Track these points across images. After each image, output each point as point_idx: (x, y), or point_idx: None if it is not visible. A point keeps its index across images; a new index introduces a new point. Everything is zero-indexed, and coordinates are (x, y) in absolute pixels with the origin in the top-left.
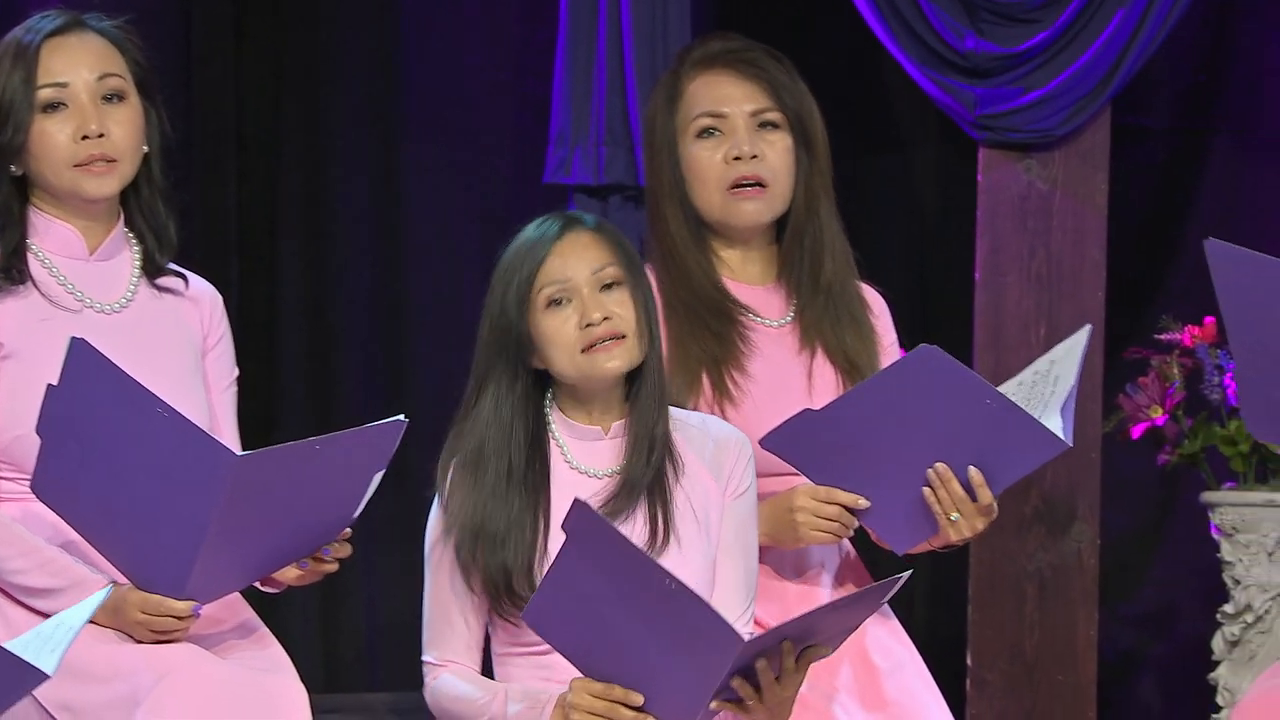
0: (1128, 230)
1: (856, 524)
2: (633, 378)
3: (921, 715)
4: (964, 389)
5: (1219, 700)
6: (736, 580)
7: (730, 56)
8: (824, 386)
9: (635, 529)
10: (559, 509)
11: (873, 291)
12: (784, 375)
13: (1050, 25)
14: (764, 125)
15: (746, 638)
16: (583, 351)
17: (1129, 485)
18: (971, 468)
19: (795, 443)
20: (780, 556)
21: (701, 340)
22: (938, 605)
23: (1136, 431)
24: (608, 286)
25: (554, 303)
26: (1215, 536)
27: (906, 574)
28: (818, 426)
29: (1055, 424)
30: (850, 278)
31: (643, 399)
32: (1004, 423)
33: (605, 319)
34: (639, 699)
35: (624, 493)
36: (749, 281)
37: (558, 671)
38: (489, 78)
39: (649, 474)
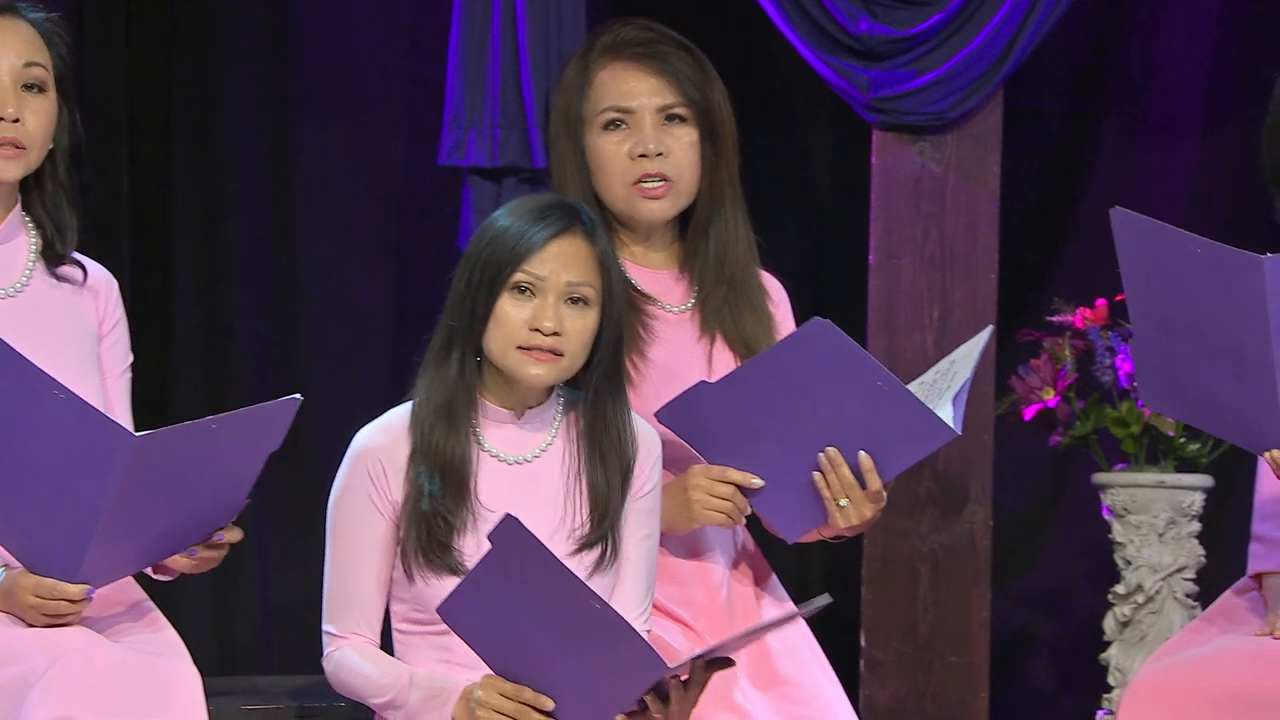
0: (1020, 213)
1: (749, 509)
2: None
3: (816, 695)
4: (855, 367)
5: (1110, 680)
6: (638, 579)
7: (640, 49)
8: (723, 372)
9: (583, 562)
10: (483, 491)
11: (773, 280)
12: (684, 360)
13: (943, 8)
14: (671, 119)
15: (646, 635)
16: (518, 348)
17: (1021, 466)
18: (862, 453)
19: (690, 417)
20: (678, 537)
21: None
22: (833, 586)
23: (1029, 413)
24: (575, 300)
25: (520, 290)
26: (1106, 518)
27: (825, 599)
28: (712, 399)
29: (946, 413)
30: (752, 266)
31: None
32: (894, 406)
33: (554, 334)
34: (549, 704)
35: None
36: (652, 267)
37: (456, 654)
38: (383, 59)
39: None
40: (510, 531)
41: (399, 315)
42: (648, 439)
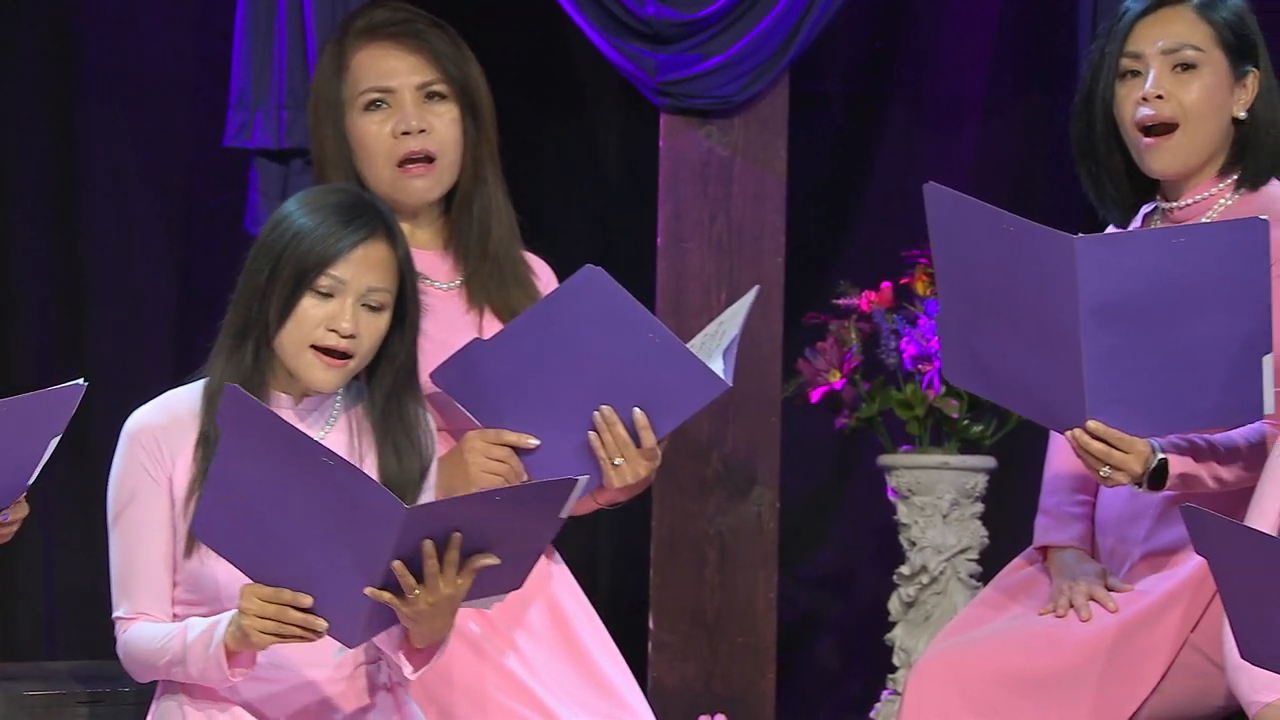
0: (807, 196)
1: (524, 473)
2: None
3: (604, 679)
4: (627, 316)
5: (895, 661)
6: None
7: (395, 29)
8: None
9: None
10: None
11: (537, 259)
12: (455, 336)
13: None
14: (431, 97)
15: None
16: (311, 346)
17: (808, 449)
18: (636, 410)
19: (465, 376)
20: None
21: None
22: (621, 569)
23: (815, 395)
24: (372, 308)
25: (320, 294)
26: (892, 499)
27: (584, 477)
28: (487, 356)
29: (717, 365)
30: (515, 244)
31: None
32: (666, 359)
33: (349, 338)
34: (307, 600)
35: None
36: (419, 246)
37: (223, 627)
38: (168, 39)
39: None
40: (234, 404)
41: (184, 298)
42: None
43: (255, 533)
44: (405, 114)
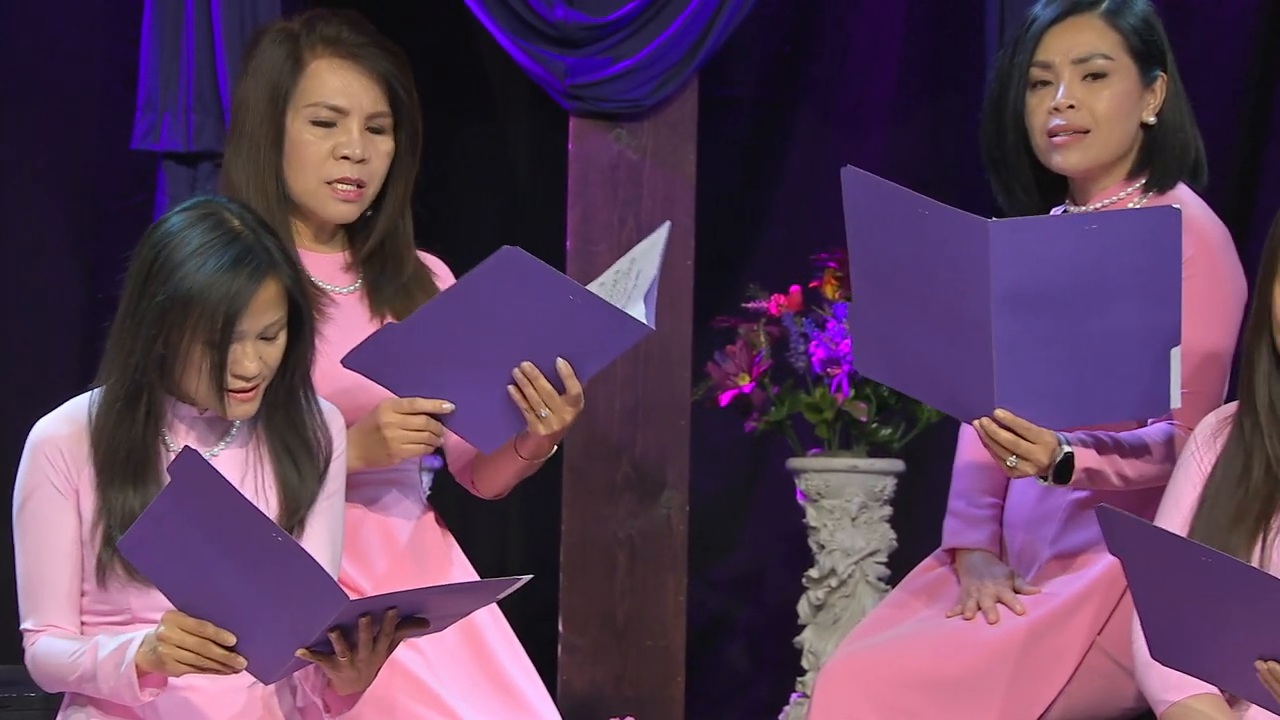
0: (716, 200)
1: (444, 431)
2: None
3: (509, 679)
4: (547, 287)
5: (804, 664)
6: (320, 544)
7: (360, 49)
8: None
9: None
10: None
11: (433, 258)
12: (354, 334)
13: None
14: (374, 129)
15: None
16: (219, 389)
17: (718, 452)
18: (560, 360)
19: (377, 358)
20: (359, 494)
21: None
22: (530, 572)
23: (724, 399)
24: (269, 339)
25: (210, 344)
26: (801, 502)
27: (526, 577)
28: (401, 339)
29: (639, 311)
30: (412, 246)
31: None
32: (588, 315)
33: (254, 376)
34: (231, 639)
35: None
36: (320, 252)
37: (135, 646)
38: (75, 41)
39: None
40: (190, 464)
41: (91, 300)
42: (338, 434)
43: (189, 569)
44: (351, 139)
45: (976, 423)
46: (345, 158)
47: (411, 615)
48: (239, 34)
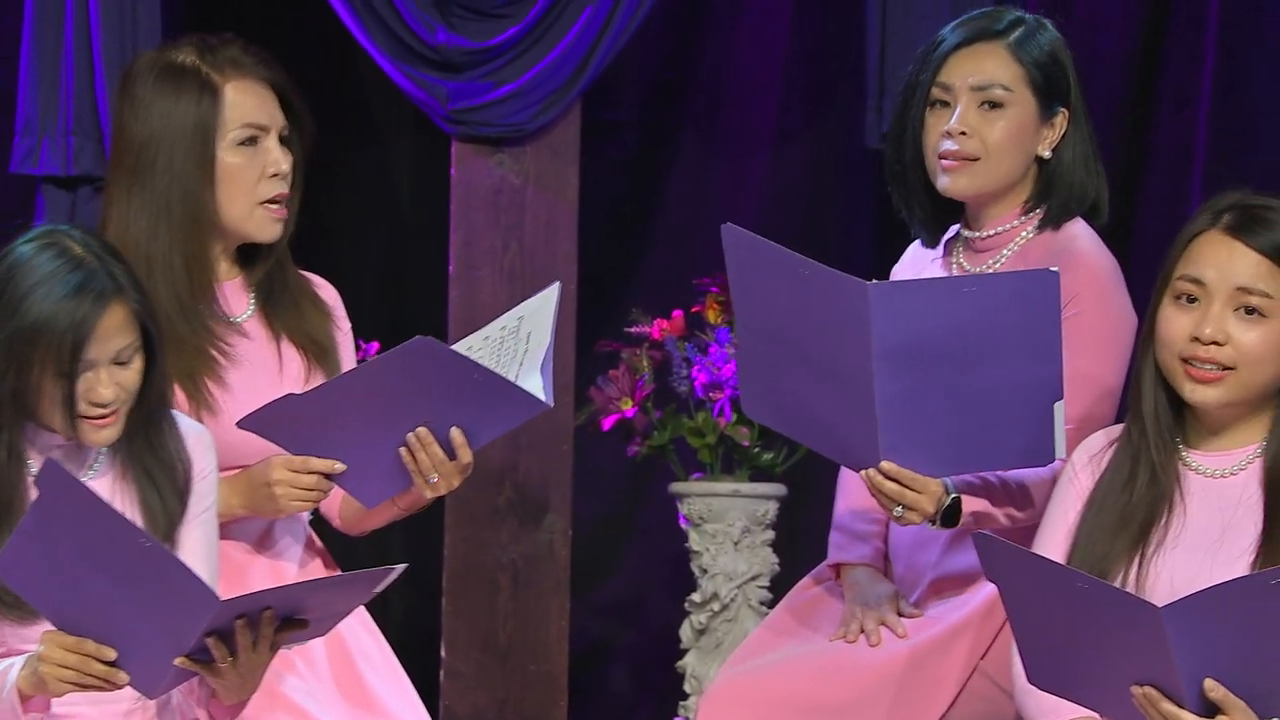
0: (599, 224)
1: (332, 487)
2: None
3: (381, 704)
4: (454, 369)
5: (687, 688)
6: (194, 561)
7: (262, 69)
8: (294, 370)
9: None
10: None
11: (318, 278)
12: (256, 361)
13: (520, 20)
14: (284, 142)
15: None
16: (75, 417)
17: (601, 476)
18: (454, 429)
19: (275, 422)
20: (245, 531)
21: (175, 341)
22: (414, 597)
23: (607, 423)
24: (123, 363)
25: (60, 375)
26: (684, 526)
27: (402, 566)
28: (300, 408)
29: (535, 384)
30: (290, 262)
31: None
32: (489, 392)
33: (110, 401)
34: (111, 654)
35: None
36: (219, 279)
37: (16, 669)
38: None
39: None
40: (53, 476)
41: None
42: (203, 456)
43: (64, 585)
44: (275, 156)
45: (863, 473)
46: (275, 175)
47: (291, 617)
48: (119, 57)
